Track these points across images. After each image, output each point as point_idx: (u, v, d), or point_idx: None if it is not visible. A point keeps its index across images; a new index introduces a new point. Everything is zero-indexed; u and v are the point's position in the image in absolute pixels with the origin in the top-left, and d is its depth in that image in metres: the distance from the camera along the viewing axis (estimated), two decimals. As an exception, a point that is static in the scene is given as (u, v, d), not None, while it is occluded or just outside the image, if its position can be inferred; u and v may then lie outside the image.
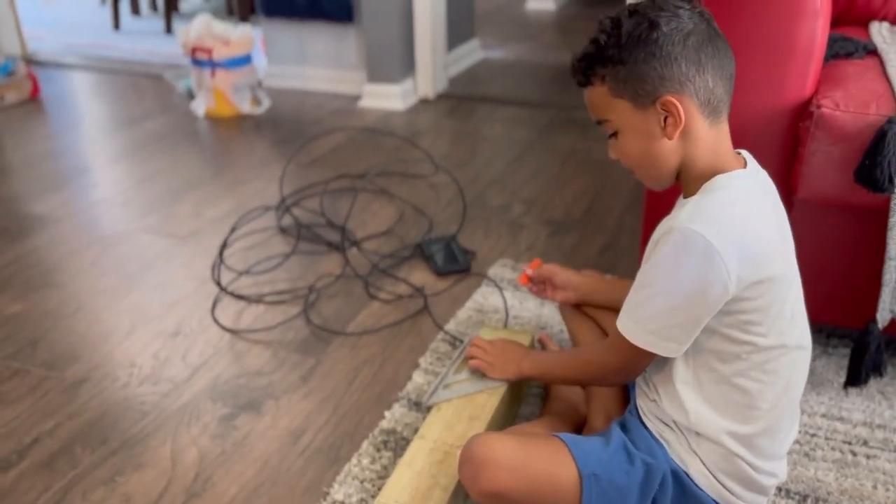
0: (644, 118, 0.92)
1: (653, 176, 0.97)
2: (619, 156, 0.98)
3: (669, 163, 0.94)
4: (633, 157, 0.96)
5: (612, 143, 0.98)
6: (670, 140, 0.91)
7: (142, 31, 4.22)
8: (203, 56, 2.71)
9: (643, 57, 0.89)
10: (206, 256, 1.84)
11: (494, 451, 0.95)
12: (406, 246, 1.86)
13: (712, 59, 0.90)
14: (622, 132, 0.95)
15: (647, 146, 0.93)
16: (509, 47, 3.73)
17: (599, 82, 0.93)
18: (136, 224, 2.03)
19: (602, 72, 0.92)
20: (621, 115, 0.93)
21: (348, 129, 2.64)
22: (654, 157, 0.94)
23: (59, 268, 1.83)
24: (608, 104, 0.94)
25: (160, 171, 2.37)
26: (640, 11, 0.90)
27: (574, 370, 1.09)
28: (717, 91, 0.90)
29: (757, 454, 0.94)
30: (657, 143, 0.92)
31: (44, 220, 2.05)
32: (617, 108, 0.93)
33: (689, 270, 0.86)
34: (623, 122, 0.94)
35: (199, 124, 2.76)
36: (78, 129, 2.79)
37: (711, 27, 0.91)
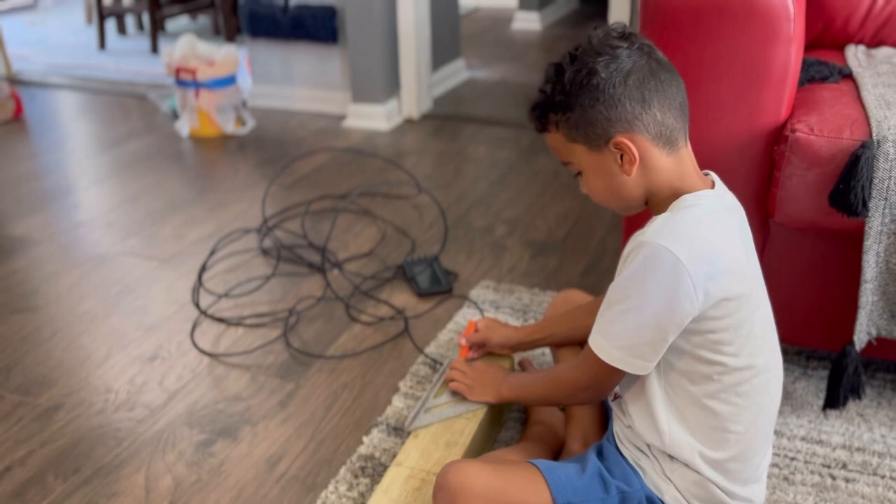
0: (601, 159, 0.94)
1: (621, 207, 0.99)
2: (588, 192, 1.00)
3: (634, 195, 0.95)
4: (599, 193, 0.98)
5: (581, 181, 1.00)
6: (629, 176, 0.93)
7: (127, 51, 4.22)
8: (187, 76, 2.71)
9: (588, 102, 0.91)
10: (187, 279, 1.83)
11: (470, 480, 0.94)
12: (388, 267, 1.85)
13: (657, 92, 0.91)
14: (584, 172, 0.97)
15: (609, 183, 0.96)
16: (494, 67, 3.75)
17: (554, 129, 0.96)
18: (118, 246, 2.02)
19: (554, 118, 0.95)
20: (580, 157, 0.96)
21: (332, 150, 2.64)
22: (618, 191, 0.96)
23: (39, 291, 1.81)
24: (566, 148, 0.97)
25: (143, 192, 2.35)
26: (579, 57, 0.92)
27: (548, 389, 1.09)
28: (667, 122, 0.91)
29: (731, 479, 0.94)
30: (618, 179, 0.94)
31: (24, 242, 2.04)
32: (575, 152, 0.96)
33: (658, 286, 0.87)
34: (583, 163, 0.96)
35: (183, 145, 2.76)
36: (61, 149, 2.78)
37: (653, 59, 0.92)
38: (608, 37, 0.92)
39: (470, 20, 4.71)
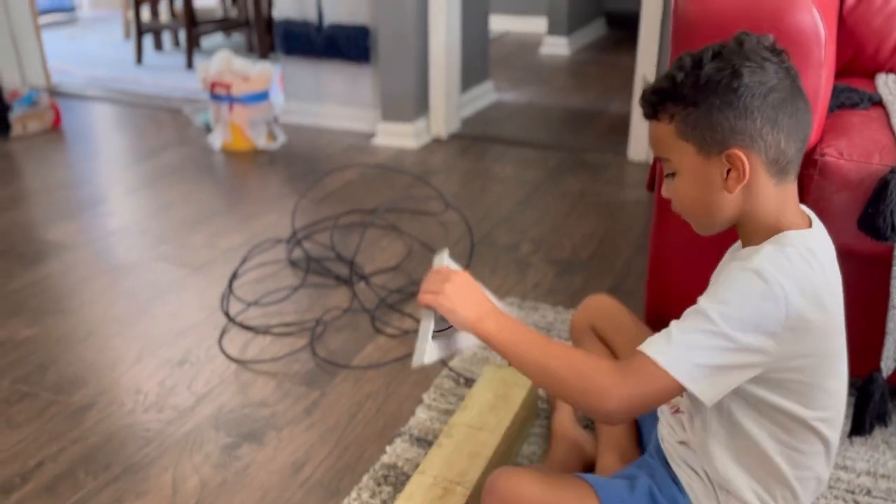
0: (706, 166, 0.88)
1: (703, 224, 0.93)
2: (673, 197, 0.93)
3: (724, 214, 0.90)
4: (687, 203, 0.91)
5: (668, 183, 0.93)
6: (730, 193, 0.87)
7: (163, 66, 4.32)
8: (222, 91, 2.77)
9: (719, 104, 0.85)
10: (217, 287, 1.86)
11: (521, 487, 0.94)
12: (414, 282, 1.87)
13: (790, 118, 0.86)
14: (681, 174, 0.90)
15: (703, 194, 0.89)
16: (522, 90, 3.79)
17: (668, 120, 0.89)
18: (150, 253, 2.06)
19: (672, 110, 0.88)
20: (683, 157, 0.89)
21: (361, 166, 2.68)
22: (709, 206, 0.90)
23: (72, 294, 1.85)
24: (672, 144, 0.89)
25: (175, 202, 2.40)
26: (724, 56, 0.85)
27: (555, 362, 0.89)
28: (788, 152, 0.86)
29: None
30: (715, 193, 0.88)
31: (59, 247, 2.09)
32: (680, 150, 0.89)
33: (755, 312, 0.81)
34: (684, 165, 0.89)
35: (216, 157, 2.82)
36: (97, 159, 2.85)
37: (796, 85, 0.87)
38: (760, 45, 0.86)
39: (499, 44, 4.77)
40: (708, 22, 1.19)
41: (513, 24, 5.18)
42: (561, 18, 4.60)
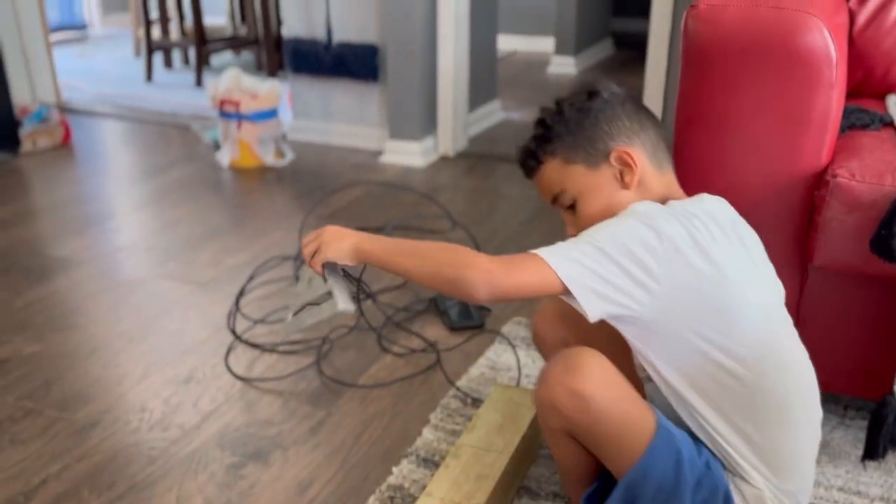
0: (599, 176, 0.99)
1: None
2: (582, 222, 0.99)
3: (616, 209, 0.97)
4: (597, 217, 0.96)
5: (570, 218, 1.02)
6: (629, 189, 0.98)
7: (173, 84, 4.34)
8: (231, 108, 2.79)
9: (589, 122, 0.99)
10: (223, 304, 1.86)
11: (599, 362, 0.93)
12: (420, 300, 1.86)
13: (647, 119, 1.01)
14: (581, 197, 1.00)
15: (607, 202, 0.99)
16: (530, 109, 3.79)
17: (551, 158, 1.01)
18: (157, 270, 2.06)
19: (552, 147, 1.01)
20: (577, 180, 1.00)
21: (368, 184, 2.68)
22: (616, 210, 0.96)
23: (79, 310, 1.85)
24: (562, 174, 1.01)
25: (183, 218, 2.41)
26: (571, 95, 1.02)
27: (432, 251, 0.97)
28: (659, 145, 1.01)
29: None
30: (616, 196, 0.99)
31: (66, 263, 2.09)
32: (572, 175, 1.00)
33: (630, 228, 0.91)
34: (580, 186, 1.00)
35: (224, 174, 2.82)
36: (105, 175, 2.86)
37: (636, 101, 1.03)
38: (591, 86, 1.02)
39: (507, 63, 4.78)
40: (718, 43, 1.18)
41: (520, 44, 5.20)
42: (568, 38, 4.62)
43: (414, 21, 2.75)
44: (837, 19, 1.39)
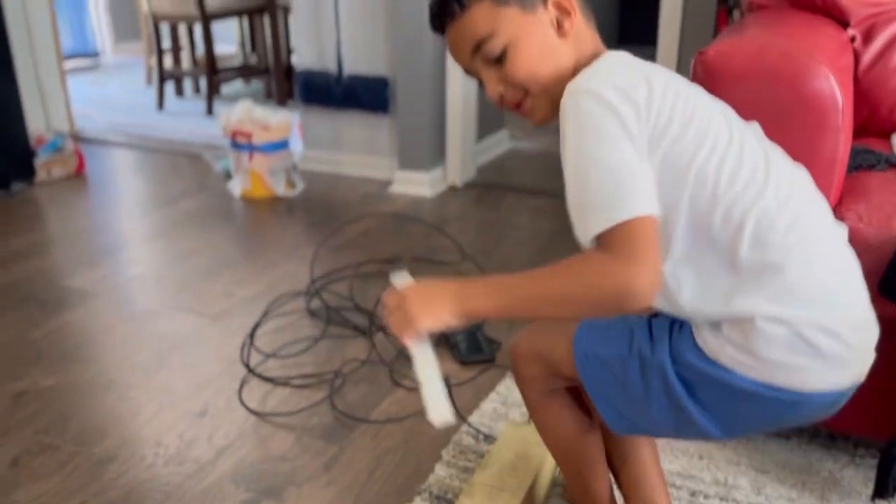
0: (535, 21, 0.91)
1: (548, 89, 0.92)
2: (511, 76, 0.92)
3: (565, 63, 0.92)
4: (530, 68, 0.91)
5: (494, 73, 0.93)
6: (565, 38, 0.92)
7: (184, 112, 4.40)
8: (243, 140, 2.83)
9: None
10: (236, 337, 1.88)
11: (518, 344, 1.05)
12: (431, 333, 1.88)
13: None
14: (514, 44, 0.91)
15: (542, 50, 0.91)
16: (536, 139, 3.83)
17: (478, 3, 0.91)
18: (170, 302, 2.08)
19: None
20: (510, 24, 0.90)
21: (378, 216, 2.71)
22: (551, 62, 0.91)
23: (94, 342, 1.87)
24: (493, 17, 0.90)
25: (195, 249, 2.43)
26: None
27: (554, 287, 0.85)
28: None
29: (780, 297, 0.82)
30: (552, 43, 0.92)
31: (81, 294, 2.11)
32: (504, 18, 0.90)
33: (600, 127, 0.82)
34: (513, 31, 0.90)
35: (235, 205, 2.86)
36: (119, 205, 2.90)
37: None
38: None
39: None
40: (727, 89, 1.21)
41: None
42: (574, 67, 4.67)
43: (423, 53, 2.80)
44: (842, 61, 1.42)
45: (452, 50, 0.96)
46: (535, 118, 0.96)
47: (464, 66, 0.96)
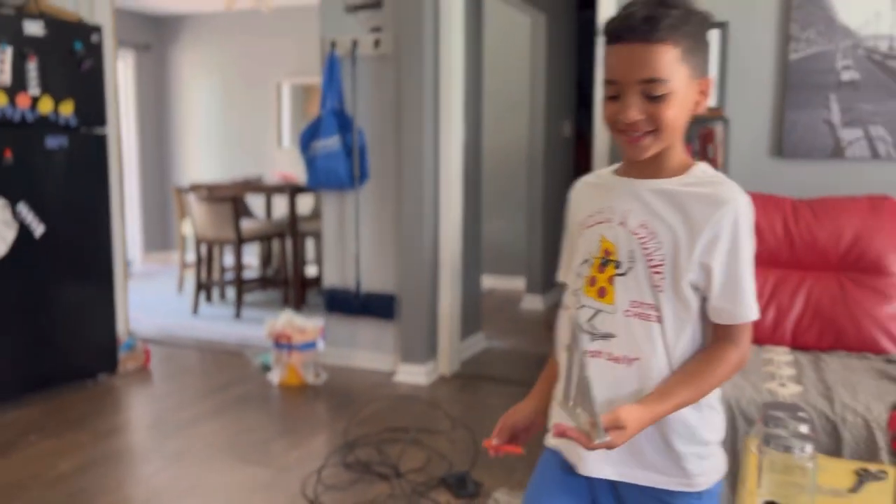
0: (691, 89, 1.05)
1: (662, 142, 1.06)
2: (657, 115, 1.03)
3: (680, 135, 1.08)
4: (670, 121, 1.04)
5: (643, 105, 1.03)
6: (695, 113, 1.06)
7: (216, 317, 5.30)
8: (284, 340, 3.72)
9: (705, 39, 1.06)
10: (297, 480, 2.65)
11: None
12: (434, 478, 2.67)
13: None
14: (673, 97, 1.02)
15: (684, 117, 1.05)
16: (507, 338, 4.77)
17: (672, 45, 1.01)
18: (240, 459, 2.86)
19: (678, 36, 1.01)
20: (680, 80, 1.02)
21: (387, 398, 3.56)
22: (680, 127, 1.06)
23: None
24: (672, 66, 1.01)
25: (252, 426, 3.23)
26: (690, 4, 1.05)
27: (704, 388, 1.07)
28: None
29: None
30: (686, 116, 1.06)
31: (175, 453, 2.89)
32: (679, 73, 1.02)
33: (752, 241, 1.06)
34: (679, 87, 1.02)
35: (274, 391, 3.69)
36: (182, 392, 3.71)
37: None
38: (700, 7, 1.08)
39: (487, 299, 5.85)
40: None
41: (497, 283, 6.32)
42: (536, 279, 5.72)
43: (422, 275, 3.79)
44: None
45: (618, 62, 1.03)
46: (644, 153, 1.07)
47: (618, 79, 1.04)
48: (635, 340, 1.08)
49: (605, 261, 1.10)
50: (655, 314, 1.07)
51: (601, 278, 1.10)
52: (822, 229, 2.53)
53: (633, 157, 1.09)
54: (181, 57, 7.57)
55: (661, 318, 1.07)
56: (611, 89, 1.06)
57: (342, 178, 3.87)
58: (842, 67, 2.99)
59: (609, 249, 1.10)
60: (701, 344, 1.11)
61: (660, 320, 1.07)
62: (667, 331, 1.08)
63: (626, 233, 1.09)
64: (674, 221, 1.06)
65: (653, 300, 1.07)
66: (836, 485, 1.47)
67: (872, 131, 2.96)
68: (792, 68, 3.05)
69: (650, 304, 1.08)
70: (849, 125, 2.99)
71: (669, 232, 1.07)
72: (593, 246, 1.12)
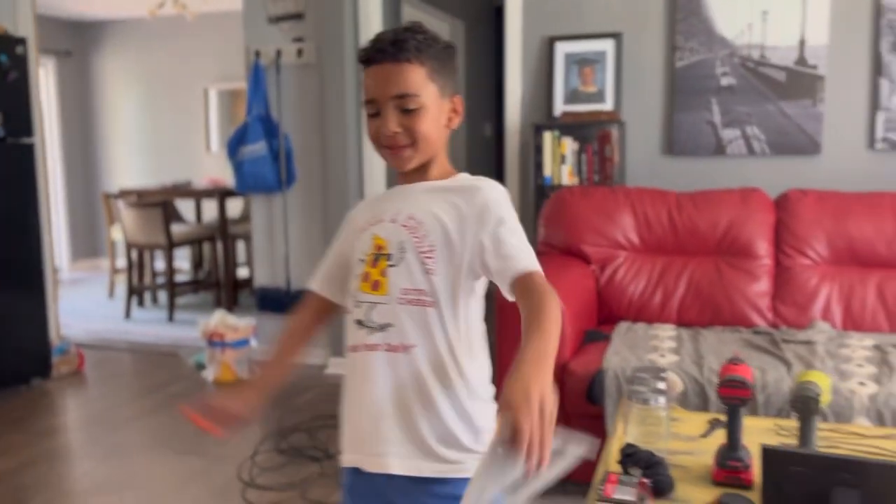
0: (442, 106, 1.17)
1: (422, 152, 1.17)
2: (413, 127, 1.14)
3: (438, 147, 1.19)
4: (424, 132, 1.15)
5: (399, 118, 1.14)
6: (449, 129, 1.19)
7: (148, 320, 5.37)
8: (218, 339, 3.87)
9: (451, 63, 1.19)
10: (233, 464, 2.83)
11: None
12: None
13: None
14: (425, 112, 1.14)
15: (438, 131, 1.17)
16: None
17: (419, 65, 1.13)
18: (178, 449, 3.01)
19: (424, 57, 1.14)
20: (430, 97, 1.15)
21: (319, 387, 3.75)
22: (436, 140, 1.17)
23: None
24: (422, 83, 1.14)
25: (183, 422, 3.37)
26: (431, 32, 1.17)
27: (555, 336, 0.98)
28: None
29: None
30: (441, 129, 1.18)
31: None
32: (428, 90, 1.14)
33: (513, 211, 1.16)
34: (429, 102, 1.15)
35: (208, 388, 3.83)
36: (117, 393, 3.82)
37: None
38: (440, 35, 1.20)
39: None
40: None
41: (427, 278, 6.55)
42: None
43: (349, 275, 3.99)
44: (584, 283, 2.68)
45: (374, 82, 1.14)
46: (407, 163, 1.18)
47: (376, 97, 1.15)
48: (410, 327, 1.12)
49: (378, 255, 1.16)
50: (430, 299, 1.13)
51: (374, 272, 1.16)
52: (701, 219, 2.85)
53: (399, 169, 1.20)
54: (105, 63, 7.55)
55: (435, 303, 1.13)
56: (371, 108, 1.16)
57: (269, 181, 4.03)
58: (721, 74, 3.34)
59: (381, 245, 1.17)
60: (482, 325, 1.20)
61: (434, 305, 1.13)
62: (443, 314, 1.13)
63: (396, 227, 1.17)
64: (440, 210, 1.15)
65: (425, 286, 1.13)
66: (692, 433, 1.75)
67: (748, 131, 3.31)
68: (678, 75, 3.38)
69: (423, 289, 1.13)
70: (728, 126, 3.34)
71: (437, 220, 1.15)
72: (367, 245, 1.19)
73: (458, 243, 1.14)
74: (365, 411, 1.20)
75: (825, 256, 2.73)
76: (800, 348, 2.40)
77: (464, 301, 1.15)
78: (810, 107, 3.22)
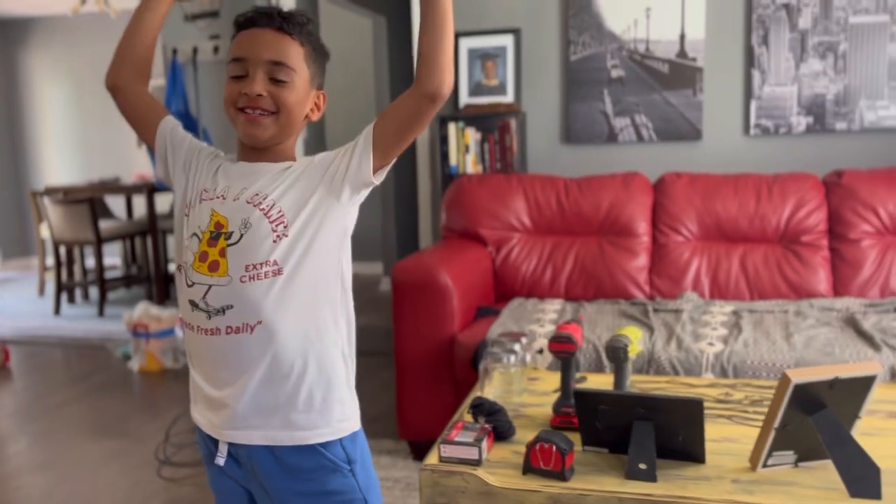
0: (309, 94, 1.19)
1: (280, 129, 1.16)
2: (280, 97, 1.13)
3: (293, 132, 1.19)
4: (289, 107, 1.15)
5: (267, 85, 1.12)
6: (308, 120, 1.21)
7: (78, 316, 5.42)
8: (142, 329, 3.98)
9: (323, 59, 1.21)
10: (152, 445, 2.97)
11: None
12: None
13: None
14: (293, 88, 1.14)
15: (300, 112, 1.17)
16: (366, 316, 5.17)
17: (300, 44, 1.15)
18: (103, 433, 3.14)
19: (305, 39, 1.16)
20: (302, 77, 1.16)
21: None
22: (295, 122, 1.17)
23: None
24: (298, 61, 1.15)
25: (113, 404, 3.50)
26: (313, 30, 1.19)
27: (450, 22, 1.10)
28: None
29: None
30: (302, 115, 1.18)
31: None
32: (302, 71, 1.16)
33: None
34: (300, 82, 1.16)
35: (134, 377, 3.94)
36: (43, 385, 3.91)
37: None
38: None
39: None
40: (402, 282, 2.62)
41: (358, 268, 6.71)
42: (393, 263, 6.16)
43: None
44: (480, 265, 2.89)
45: (251, 42, 1.13)
46: (263, 133, 1.14)
47: (248, 56, 1.12)
48: (255, 303, 1.08)
49: (216, 234, 1.11)
50: (275, 268, 1.09)
51: (212, 252, 1.10)
52: (585, 202, 3.09)
53: (250, 137, 1.15)
54: (31, 61, 7.50)
55: (281, 270, 1.09)
56: (238, 68, 1.13)
57: (190, 175, 4.14)
58: (611, 66, 3.58)
59: (221, 222, 1.11)
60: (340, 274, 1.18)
61: (280, 272, 1.09)
62: (293, 279, 1.10)
63: (241, 204, 1.12)
64: (291, 179, 1.15)
65: (270, 256, 1.09)
66: (547, 389, 1.97)
67: (637, 119, 3.57)
68: (573, 67, 3.62)
69: (267, 261, 1.09)
70: (619, 115, 3.59)
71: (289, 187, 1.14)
72: (204, 220, 1.13)
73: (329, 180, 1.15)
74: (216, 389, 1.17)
75: (696, 233, 2.99)
76: (668, 316, 2.65)
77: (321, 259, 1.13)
78: (691, 96, 3.49)
